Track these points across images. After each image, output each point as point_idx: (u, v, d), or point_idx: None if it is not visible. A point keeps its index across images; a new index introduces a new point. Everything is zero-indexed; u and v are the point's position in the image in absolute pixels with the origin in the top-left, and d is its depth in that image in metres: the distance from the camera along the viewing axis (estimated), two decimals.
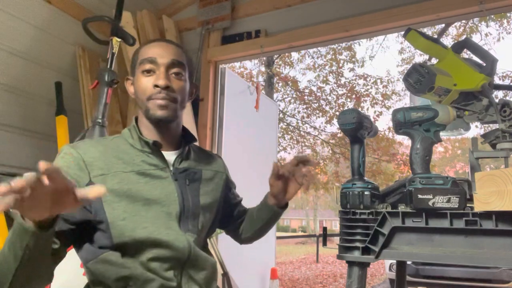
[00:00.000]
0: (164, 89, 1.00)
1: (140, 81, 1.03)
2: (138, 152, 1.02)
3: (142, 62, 1.03)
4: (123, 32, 2.21)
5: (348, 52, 10.10)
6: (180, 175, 1.05)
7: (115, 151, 1.00)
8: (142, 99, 1.03)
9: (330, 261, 10.79)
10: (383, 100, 10.14)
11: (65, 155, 0.97)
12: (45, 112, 2.64)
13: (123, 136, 1.06)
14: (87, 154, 0.96)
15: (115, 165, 0.97)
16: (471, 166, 0.99)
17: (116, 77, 2.13)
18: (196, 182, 1.08)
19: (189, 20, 2.96)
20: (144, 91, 1.02)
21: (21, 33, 2.37)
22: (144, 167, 1.00)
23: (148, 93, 1.01)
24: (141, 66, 1.03)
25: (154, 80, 1.01)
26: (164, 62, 1.02)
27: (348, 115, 1.06)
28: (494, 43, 22.32)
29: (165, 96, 1.00)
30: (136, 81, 1.05)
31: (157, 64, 1.02)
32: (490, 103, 1.02)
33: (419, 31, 1.12)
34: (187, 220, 1.02)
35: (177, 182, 1.03)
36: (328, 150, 10.69)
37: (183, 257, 0.97)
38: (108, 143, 1.03)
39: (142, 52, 1.05)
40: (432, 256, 0.90)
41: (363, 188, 1.02)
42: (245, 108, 3.17)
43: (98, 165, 0.96)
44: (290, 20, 2.61)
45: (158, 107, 1.00)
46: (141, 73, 1.03)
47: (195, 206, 1.04)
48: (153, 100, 1.00)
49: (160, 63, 1.02)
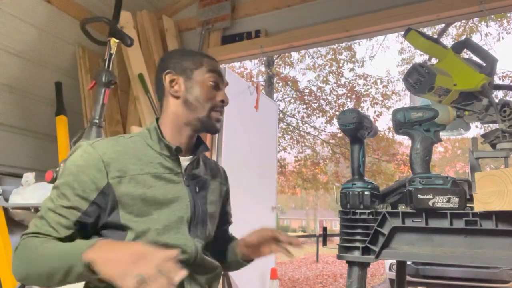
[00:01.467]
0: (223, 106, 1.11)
1: (207, 89, 1.08)
2: (156, 154, 1.03)
3: (211, 72, 1.10)
4: (121, 33, 2.21)
5: (348, 52, 10.09)
6: (192, 182, 1.07)
7: (133, 152, 1.01)
8: (203, 104, 1.07)
9: (330, 261, 10.79)
10: (383, 100, 10.13)
11: (84, 153, 0.96)
12: (45, 112, 2.64)
13: (141, 136, 1.07)
14: (106, 154, 0.97)
15: (132, 167, 0.98)
16: (471, 166, 0.99)
17: (114, 78, 2.12)
18: (204, 190, 1.10)
19: (189, 20, 2.96)
20: (211, 100, 1.08)
21: (21, 33, 2.37)
22: (160, 170, 1.01)
23: (213, 103, 1.08)
24: (210, 75, 1.09)
25: (221, 96, 1.10)
26: (225, 83, 1.15)
27: (348, 115, 1.06)
28: (494, 43, 22.27)
29: (222, 111, 1.12)
30: (198, 84, 1.08)
31: (222, 82, 1.13)
32: (490, 103, 1.02)
33: (419, 31, 1.12)
34: (197, 226, 1.04)
35: (189, 188, 1.04)
36: (328, 150, 10.69)
37: (189, 262, 0.99)
38: (127, 143, 1.03)
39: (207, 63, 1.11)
40: (432, 256, 0.90)
41: (363, 188, 1.02)
42: (245, 108, 3.17)
43: (116, 167, 0.96)
44: (290, 20, 2.61)
45: (217, 120, 1.09)
46: (210, 84, 1.09)
47: (204, 213, 1.06)
48: (216, 113, 1.09)
49: (225, 83, 1.15)
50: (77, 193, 0.92)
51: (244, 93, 3.20)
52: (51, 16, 2.47)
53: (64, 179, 0.94)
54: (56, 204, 0.92)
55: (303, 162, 10.64)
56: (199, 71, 1.08)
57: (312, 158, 10.70)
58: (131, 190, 0.95)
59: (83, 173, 0.93)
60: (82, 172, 0.93)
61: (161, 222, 0.97)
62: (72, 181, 0.93)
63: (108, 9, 2.57)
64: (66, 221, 0.91)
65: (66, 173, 0.95)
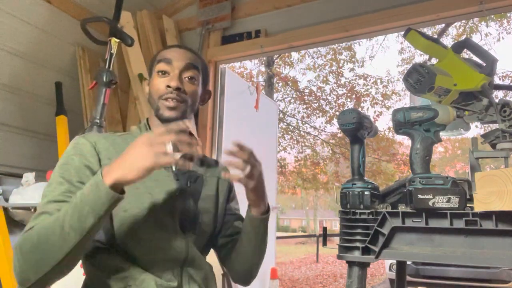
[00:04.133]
0: (175, 90, 1.03)
1: (154, 81, 1.07)
2: None
3: (158, 62, 1.07)
4: (122, 33, 2.21)
5: (348, 52, 10.10)
6: (182, 176, 1.06)
7: (121, 147, 1.00)
8: (154, 98, 1.06)
9: (330, 261, 10.79)
10: (383, 100, 10.14)
11: (77, 144, 0.98)
12: (45, 112, 2.64)
13: (132, 133, 1.09)
14: (98, 144, 0.99)
15: None
16: (471, 166, 0.99)
17: (115, 77, 2.13)
18: (197, 185, 1.09)
19: (189, 20, 2.96)
20: (157, 90, 1.05)
21: (21, 33, 2.37)
22: None
23: (160, 92, 1.04)
24: (157, 67, 1.07)
25: (167, 81, 1.04)
26: (179, 65, 1.06)
27: (348, 115, 1.06)
28: (494, 43, 22.28)
29: (176, 97, 1.03)
30: (151, 81, 1.09)
31: (172, 66, 1.06)
32: (490, 103, 1.02)
33: (419, 31, 1.12)
34: (186, 220, 1.03)
35: (179, 182, 1.04)
36: (328, 150, 10.69)
37: (180, 256, 0.98)
38: (116, 138, 1.05)
39: (160, 54, 1.10)
40: (432, 256, 0.90)
41: (363, 188, 1.01)
42: (245, 108, 3.17)
43: (106, 155, 0.98)
44: (290, 20, 2.61)
45: (167, 108, 1.03)
46: (156, 74, 1.07)
47: (194, 208, 1.05)
48: (164, 101, 1.04)
49: (175, 66, 1.06)
50: (71, 178, 0.92)
51: (244, 93, 3.20)
52: (51, 16, 2.46)
53: (58, 168, 0.95)
54: (54, 194, 0.91)
55: (303, 162, 10.65)
56: (154, 66, 1.09)
57: (312, 158, 10.71)
58: None
59: (78, 160, 0.95)
60: (77, 159, 0.95)
61: (150, 214, 0.96)
62: (67, 169, 0.93)
63: (108, 9, 2.57)
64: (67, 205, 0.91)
65: (61, 163, 0.96)
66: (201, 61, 1.13)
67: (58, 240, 0.81)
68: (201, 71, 1.11)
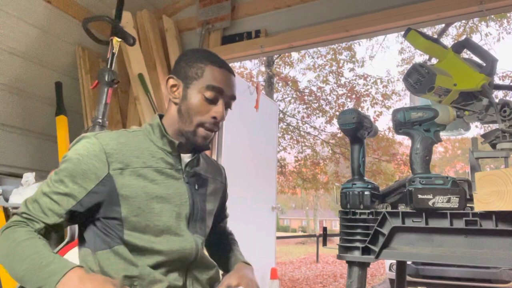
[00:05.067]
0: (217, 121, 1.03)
1: (199, 102, 1.01)
2: (157, 149, 1.03)
3: (209, 88, 1.01)
4: (123, 32, 2.21)
5: (348, 52, 10.09)
6: (191, 179, 1.07)
7: (135, 145, 1.01)
8: (192, 118, 1.02)
9: (330, 261, 10.78)
10: (383, 100, 10.13)
11: (87, 143, 0.96)
12: (45, 112, 2.64)
13: (144, 132, 1.06)
14: (109, 145, 0.96)
15: (134, 160, 0.98)
16: (471, 166, 0.99)
17: (117, 77, 2.13)
18: (204, 188, 1.10)
19: (189, 20, 2.96)
20: (201, 115, 1.01)
21: (21, 33, 2.37)
22: (161, 165, 1.01)
23: (203, 120, 1.02)
24: (207, 90, 1.01)
25: (214, 112, 1.02)
26: (227, 97, 1.05)
27: (348, 115, 1.06)
28: (494, 43, 22.32)
29: (214, 128, 1.03)
30: (194, 97, 1.02)
31: (222, 95, 1.03)
32: (490, 103, 1.02)
33: (419, 31, 1.12)
34: (196, 222, 1.04)
35: (188, 185, 1.05)
36: (328, 150, 10.68)
37: (189, 258, 1.00)
38: (129, 136, 1.03)
39: (210, 72, 1.03)
40: (432, 256, 0.90)
41: (363, 188, 1.02)
42: (245, 108, 3.17)
43: (118, 159, 0.96)
44: (290, 20, 2.61)
45: (203, 138, 1.02)
46: (203, 97, 1.01)
47: (202, 210, 1.07)
48: (203, 129, 1.02)
49: (224, 96, 1.04)
50: (76, 181, 0.92)
51: (244, 93, 3.20)
52: (51, 16, 2.46)
53: (64, 165, 0.94)
54: (52, 190, 0.92)
55: (303, 162, 10.64)
56: (198, 81, 1.02)
57: (312, 158, 10.70)
58: (132, 182, 0.95)
59: (84, 162, 0.93)
60: (83, 161, 0.93)
61: (161, 217, 0.97)
62: (73, 169, 0.93)
63: (108, 9, 2.57)
64: (59, 208, 0.92)
65: (68, 161, 0.95)
66: None
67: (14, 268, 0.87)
68: None
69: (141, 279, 0.93)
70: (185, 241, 0.99)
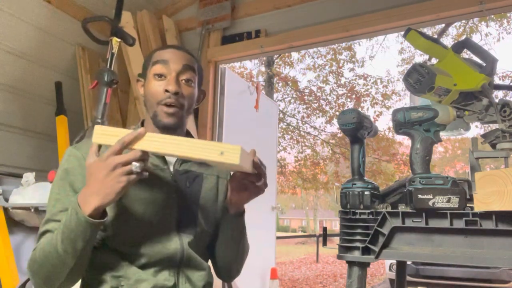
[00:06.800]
0: (173, 95, 1.00)
1: (151, 84, 1.03)
2: None
3: (154, 64, 1.04)
4: (123, 32, 2.21)
5: (348, 52, 10.09)
6: (181, 177, 1.05)
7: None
8: (151, 103, 1.03)
9: (330, 261, 10.79)
10: (383, 100, 10.14)
11: (69, 157, 0.99)
12: (45, 112, 2.64)
13: None
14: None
15: None
16: (471, 166, 0.99)
17: (116, 77, 2.13)
18: (197, 185, 1.08)
19: (189, 20, 2.96)
20: (155, 95, 1.02)
21: (21, 33, 2.37)
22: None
23: (158, 97, 1.01)
24: (153, 69, 1.04)
25: (165, 85, 1.01)
26: (176, 67, 1.03)
27: (348, 115, 1.06)
28: (494, 43, 22.32)
29: (174, 102, 1.01)
30: (147, 83, 1.05)
31: (169, 68, 1.03)
32: (490, 103, 1.02)
33: (419, 31, 1.12)
34: (184, 222, 1.03)
35: (177, 184, 1.04)
36: (328, 150, 10.69)
37: (175, 258, 0.98)
38: None
39: (155, 55, 1.06)
40: (432, 256, 0.90)
41: (363, 188, 1.01)
42: (245, 108, 3.17)
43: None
44: (290, 20, 2.61)
45: (166, 114, 1.01)
46: (153, 77, 1.03)
47: (193, 208, 1.05)
48: (162, 106, 1.01)
49: (172, 68, 1.03)
50: (69, 194, 0.94)
51: (244, 93, 3.20)
52: (51, 16, 2.47)
53: (55, 184, 0.97)
54: (53, 212, 0.93)
55: (303, 162, 10.65)
56: (149, 67, 1.05)
57: (312, 158, 10.71)
58: None
59: (72, 174, 0.96)
60: (70, 173, 0.96)
61: (144, 219, 0.97)
62: (63, 184, 0.95)
63: (108, 9, 2.57)
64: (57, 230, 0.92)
65: (57, 179, 0.97)
66: (197, 61, 1.12)
67: (58, 262, 0.86)
68: (197, 71, 1.09)
69: (127, 279, 0.93)
70: (169, 241, 0.98)
